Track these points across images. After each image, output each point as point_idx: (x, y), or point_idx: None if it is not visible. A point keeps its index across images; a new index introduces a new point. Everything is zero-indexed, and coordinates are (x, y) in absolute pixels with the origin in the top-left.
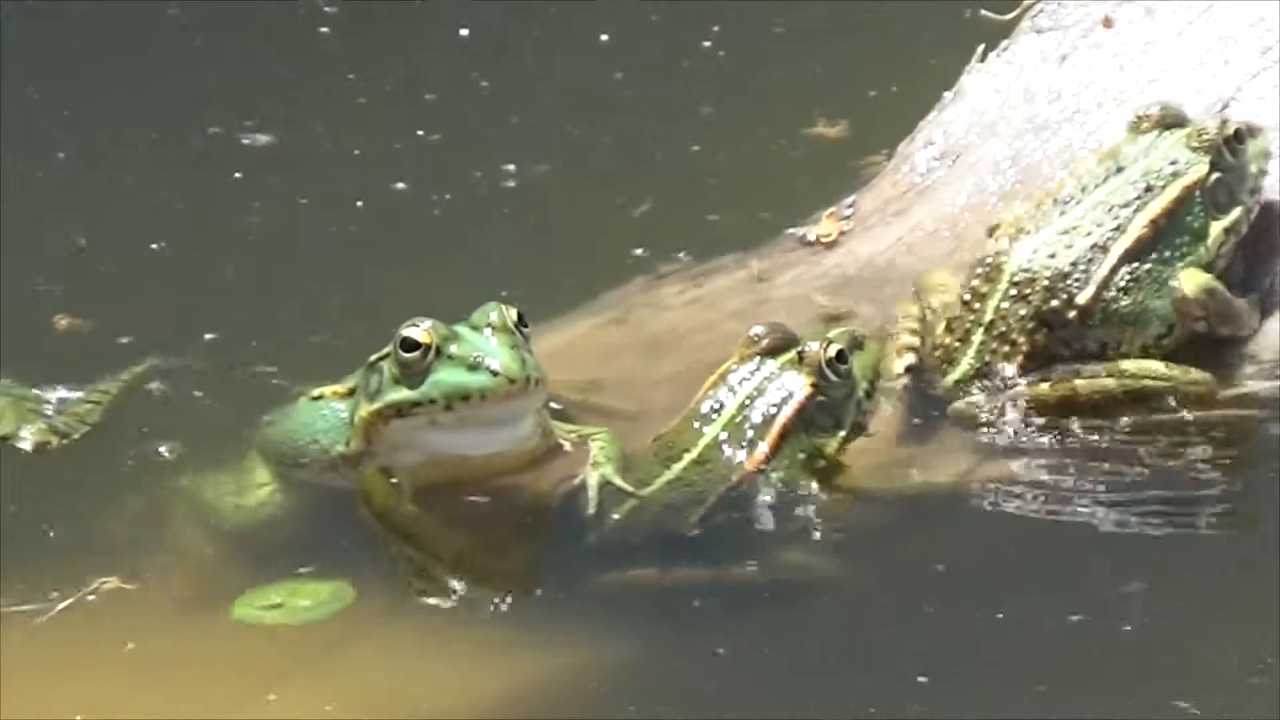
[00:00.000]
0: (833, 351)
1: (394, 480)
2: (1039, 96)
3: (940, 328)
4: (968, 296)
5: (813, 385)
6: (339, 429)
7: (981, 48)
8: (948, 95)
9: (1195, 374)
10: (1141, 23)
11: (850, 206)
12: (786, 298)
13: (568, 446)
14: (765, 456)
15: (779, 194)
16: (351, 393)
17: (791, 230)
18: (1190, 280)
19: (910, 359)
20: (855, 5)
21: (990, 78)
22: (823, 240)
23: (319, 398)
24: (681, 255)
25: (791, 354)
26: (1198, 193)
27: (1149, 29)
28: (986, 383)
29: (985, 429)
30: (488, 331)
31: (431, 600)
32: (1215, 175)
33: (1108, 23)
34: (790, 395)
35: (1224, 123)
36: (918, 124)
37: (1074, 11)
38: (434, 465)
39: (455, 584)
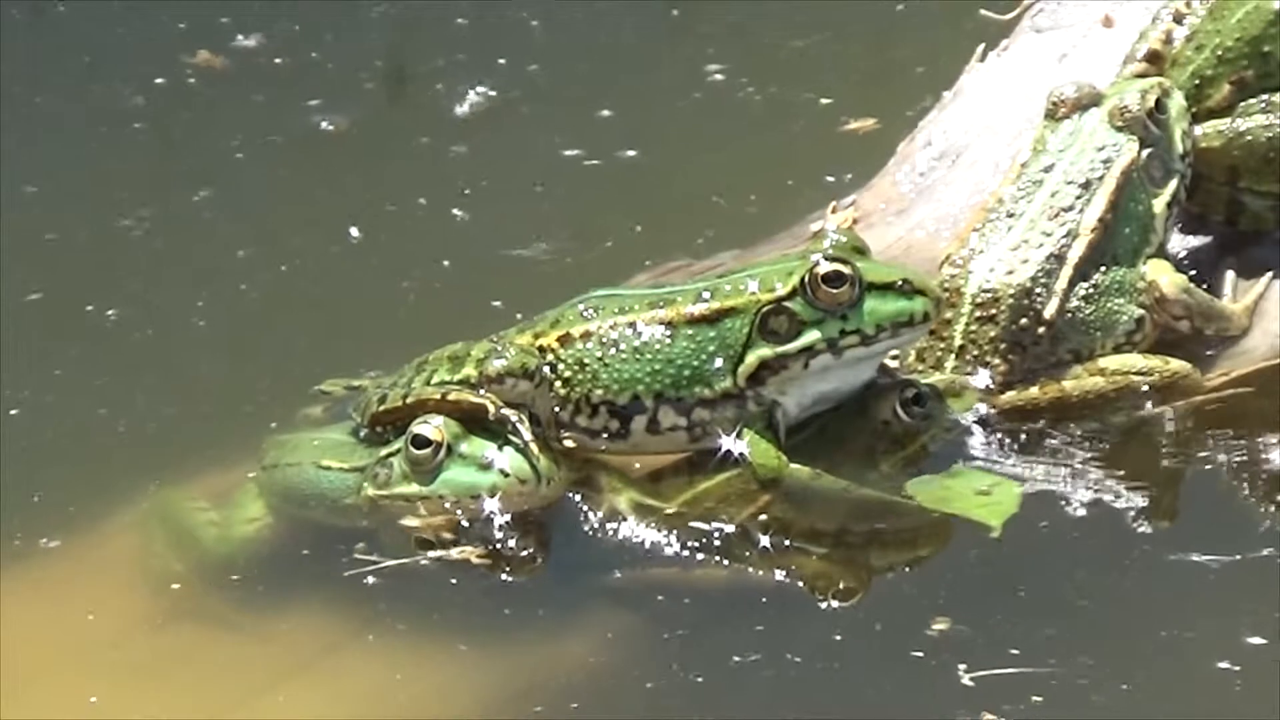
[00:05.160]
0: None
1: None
2: (1039, 96)
3: (911, 357)
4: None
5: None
6: (346, 490)
7: (981, 47)
8: (948, 95)
9: (1175, 364)
10: (1141, 23)
11: (850, 205)
12: None
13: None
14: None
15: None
16: (358, 470)
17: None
18: (1159, 273)
19: None
20: (857, 5)
21: (990, 78)
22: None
23: (327, 468)
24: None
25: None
26: (1135, 174)
27: None
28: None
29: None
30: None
31: (431, 601)
32: (1146, 151)
33: (1108, 22)
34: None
35: (1143, 94)
36: (918, 124)
37: (1074, 11)
38: None
39: (456, 584)
